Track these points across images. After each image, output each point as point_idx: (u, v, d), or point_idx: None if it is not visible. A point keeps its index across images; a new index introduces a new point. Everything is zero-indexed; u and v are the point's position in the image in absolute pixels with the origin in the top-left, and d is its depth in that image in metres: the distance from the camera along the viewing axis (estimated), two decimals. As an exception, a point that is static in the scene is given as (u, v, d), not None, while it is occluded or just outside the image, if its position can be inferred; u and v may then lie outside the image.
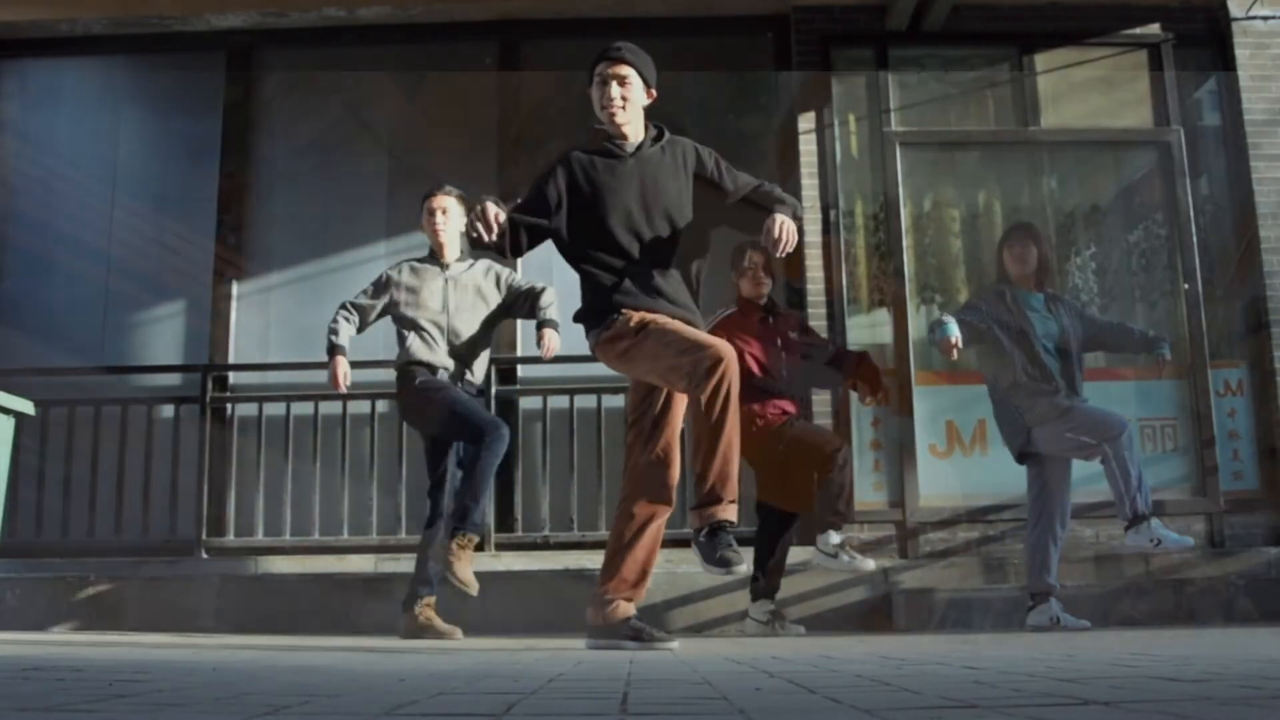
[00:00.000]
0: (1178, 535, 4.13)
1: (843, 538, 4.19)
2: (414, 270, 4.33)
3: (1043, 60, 5.76)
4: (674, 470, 3.21)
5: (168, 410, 5.57)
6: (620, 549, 3.23)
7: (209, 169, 5.84)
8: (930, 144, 5.75)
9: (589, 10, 5.78)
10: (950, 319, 4.28)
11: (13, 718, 1.23)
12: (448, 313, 4.24)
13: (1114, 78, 5.79)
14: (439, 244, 4.33)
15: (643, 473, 3.22)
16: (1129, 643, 3.05)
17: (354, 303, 4.31)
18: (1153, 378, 5.25)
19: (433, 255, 4.35)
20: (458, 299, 4.27)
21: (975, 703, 1.39)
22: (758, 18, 5.87)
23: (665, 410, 3.23)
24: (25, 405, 4.10)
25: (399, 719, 1.25)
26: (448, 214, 4.32)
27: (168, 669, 2.17)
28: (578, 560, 4.89)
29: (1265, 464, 5.35)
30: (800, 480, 4.23)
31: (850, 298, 5.50)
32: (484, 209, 3.13)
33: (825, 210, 5.54)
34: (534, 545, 5.25)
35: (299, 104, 6.03)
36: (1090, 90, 5.77)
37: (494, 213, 3.14)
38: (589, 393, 5.31)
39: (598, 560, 3.37)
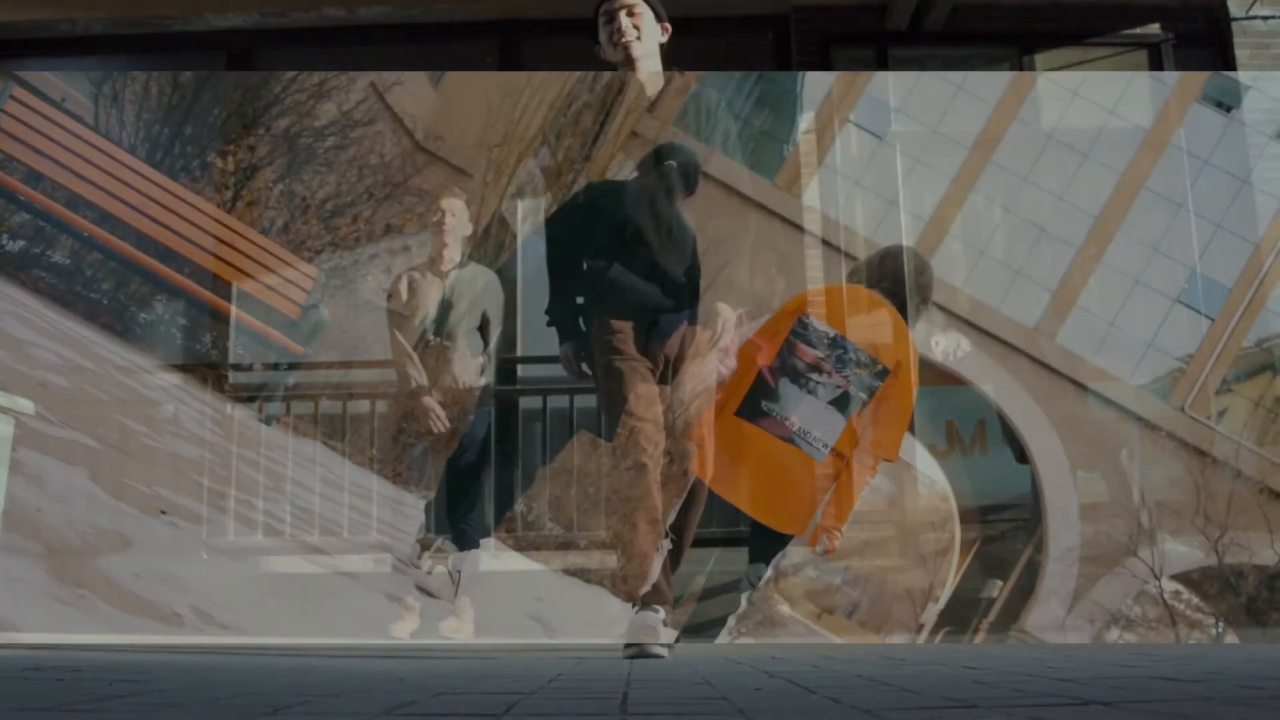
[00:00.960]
0: None
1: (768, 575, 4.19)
2: (411, 283, 4.36)
3: (1043, 60, 5.76)
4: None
5: (168, 409, 5.56)
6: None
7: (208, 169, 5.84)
8: (931, 144, 5.74)
9: (590, 10, 5.76)
10: None
11: (12, 718, 1.23)
12: (445, 321, 4.28)
13: (1114, 77, 5.79)
14: (441, 244, 4.35)
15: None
16: (1129, 644, 3.05)
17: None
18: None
19: (431, 261, 4.38)
20: (455, 307, 4.32)
21: (975, 703, 1.39)
22: (758, 18, 5.87)
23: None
24: (25, 405, 4.10)
25: (399, 719, 1.25)
26: (456, 216, 4.35)
27: (168, 669, 2.16)
28: (577, 560, 4.88)
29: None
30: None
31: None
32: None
33: (825, 210, 5.54)
34: (534, 545, 5.24)
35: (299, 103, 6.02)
36: (1090, 90, 5.77)
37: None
38: (589, 393, 5.30)
39: (598, 560, 3.35)
